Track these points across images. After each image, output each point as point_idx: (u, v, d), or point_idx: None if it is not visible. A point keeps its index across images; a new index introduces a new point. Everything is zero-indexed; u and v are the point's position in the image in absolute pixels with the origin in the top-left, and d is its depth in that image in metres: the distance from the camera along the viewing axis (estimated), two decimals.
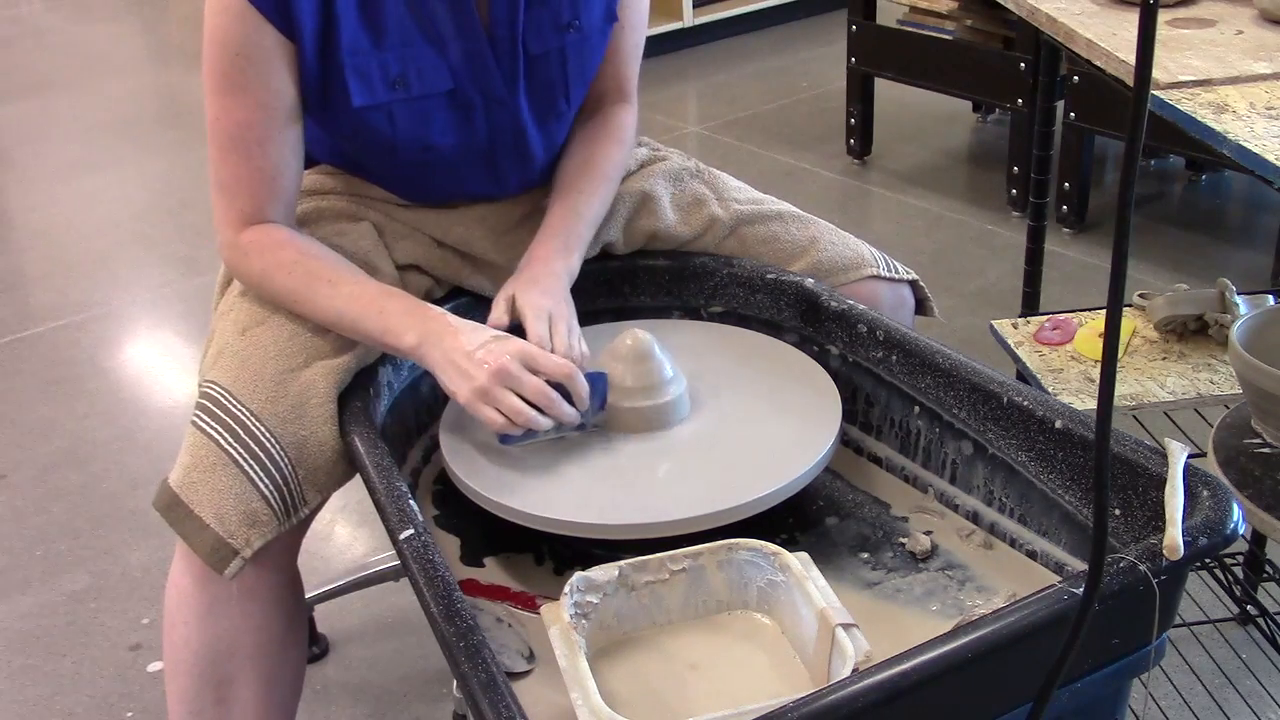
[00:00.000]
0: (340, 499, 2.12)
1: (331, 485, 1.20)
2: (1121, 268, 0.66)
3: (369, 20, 1.20)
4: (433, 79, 1.24)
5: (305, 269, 1.22)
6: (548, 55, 1.29)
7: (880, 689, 0.79)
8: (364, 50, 1.20)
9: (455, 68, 1.24)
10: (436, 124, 1.26)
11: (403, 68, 1.22)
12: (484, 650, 0.86)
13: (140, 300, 2.96)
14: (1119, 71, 1.35)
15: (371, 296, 1.20)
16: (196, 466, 1.16)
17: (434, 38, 1.23)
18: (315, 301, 1.21)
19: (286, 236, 1.25)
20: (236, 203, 1.24)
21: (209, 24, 1.19)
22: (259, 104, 1.20)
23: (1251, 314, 1.33)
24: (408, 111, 1.24)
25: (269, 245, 1.24)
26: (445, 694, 1.74)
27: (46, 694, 1.79)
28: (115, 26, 5.38)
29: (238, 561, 1.14)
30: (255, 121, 1.21)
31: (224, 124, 1.22)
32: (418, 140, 1.27)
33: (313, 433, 1.17)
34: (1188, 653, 1.67)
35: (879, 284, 1.39)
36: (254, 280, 1.25)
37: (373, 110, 1.23)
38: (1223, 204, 3.17)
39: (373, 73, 1.21)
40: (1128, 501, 1.00)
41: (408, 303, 1.20)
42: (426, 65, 1.23)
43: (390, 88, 1.22)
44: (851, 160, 3.49)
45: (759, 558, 1.03)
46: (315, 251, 1.25)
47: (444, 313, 1.20)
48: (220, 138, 1.22)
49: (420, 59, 1.23)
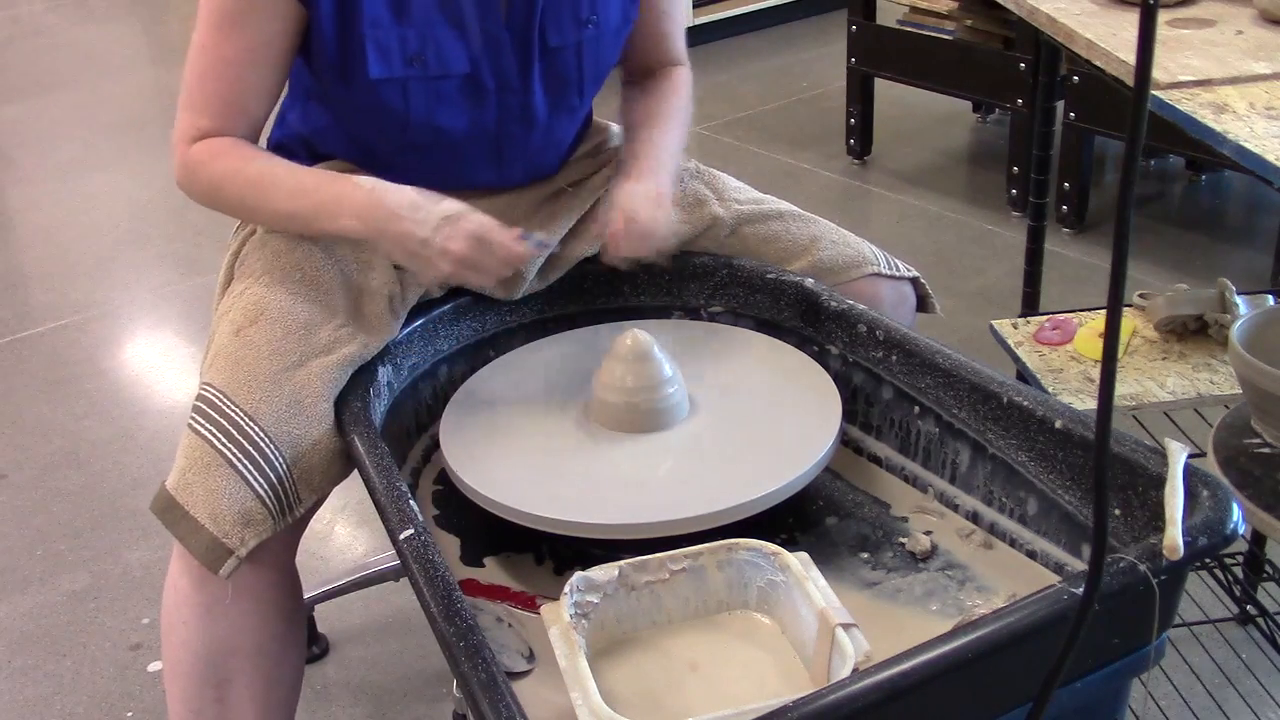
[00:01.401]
0: (340, 499, 2.13)
1: (327, 484, 1.20)
2: (1121, 268, 0.66)
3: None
4: (450, 60, 1.25)
5: (247, 175, 1.25)
6: (565, 49, 1.31)
7: (880, 689, 0.79)
8: (384, 23, 1.22)
9: (473, 51, 1.26)
10: (449, 106, 1.28)
11: (421, 45, 1.24)
12: (484, 650, 0.86)
13: (140, 300, 2.96)
14: (1119, 71, 1.35)
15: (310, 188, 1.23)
16: (191, 468, 1.16)
17: (455, 19, 1.24)
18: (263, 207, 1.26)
19: (229, 144, 1.27)
20: (200, 120, 1.27)
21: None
22: (249, 47, 1.24)
23: (1251, 314, 1.33)
24: (422, 90, 1.26)
25: (214, 154, 1.27)
26: (445, 694, 1.74)
27: (46, 694, 1.79)
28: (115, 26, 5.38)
29: (232, 561, 1.14)
30: (242, 61, 1.24)
31: (210, 54, 1.25)
32: (429, 120, 1.28)
33: (307, 432, 1.17)
34: (1188, 653, 1.67)
35: (880, 282, 1.39)
36: (205, 196, 1.29)
37: (388, 84, 1.25)
38: (1223, 204, 3.17)
39: (392, 46, 1.23)
40: (1128, 501, 1.00)
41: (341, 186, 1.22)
42: (445, 45, 1.25)
43: (407, 63, 1.24)
44: (851, 160, 3.49)
45: (759, 558, 1.03)
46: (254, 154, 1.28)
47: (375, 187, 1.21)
48: (202, 63, 1.26)
49: (440, 39, 1.24)
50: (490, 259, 1.18)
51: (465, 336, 1.36)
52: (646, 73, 1.47)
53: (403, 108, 1.26)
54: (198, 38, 1.26)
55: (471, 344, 1.37)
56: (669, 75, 1.47)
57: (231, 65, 1.25)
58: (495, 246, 1.19)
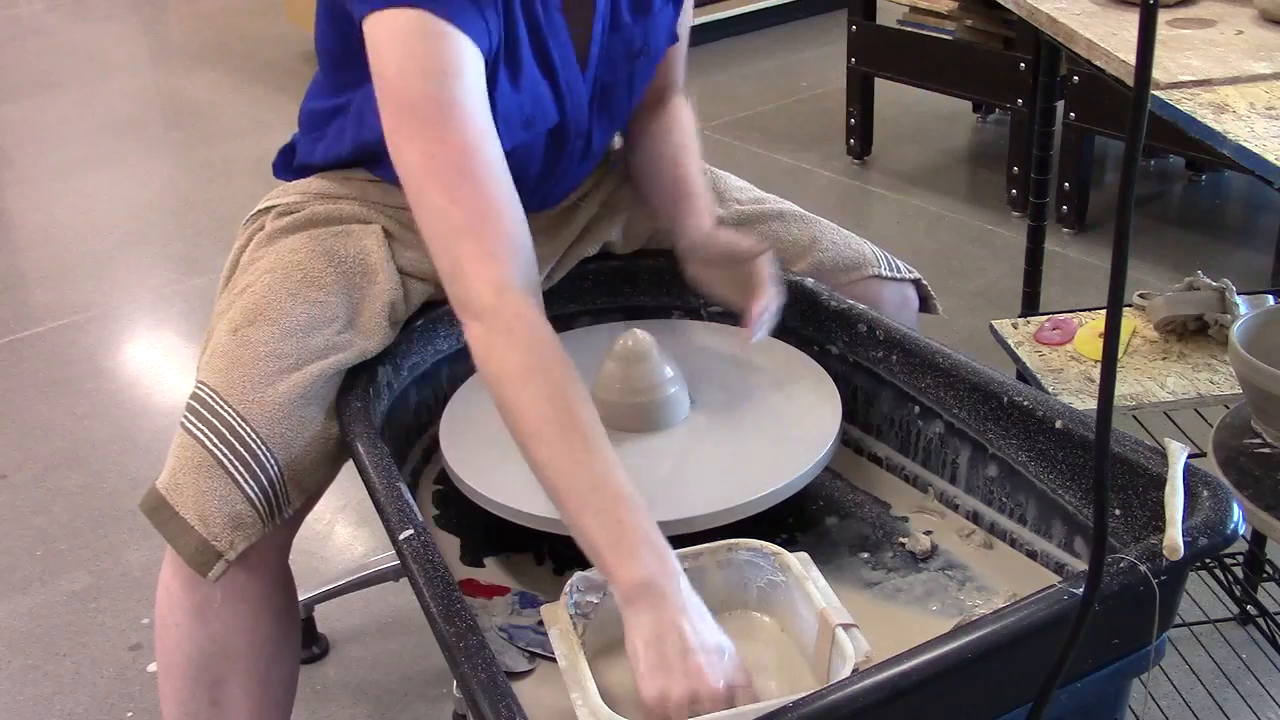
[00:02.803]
0: (340, 499, 2.13)
1: (319, 486, 1.20)
2: (1121, 268, 0.66)
3: (510, 57, 1.14)
4: (548, 113, 1.22)
5: (559, 422, 1.00)
6: (617, 84, 1.29)
7: (880, 689, 0.79)
8: (507, 93, 1.14)
9: (560, 101, 1.23)
10: (536, 158, 1.26)
11: (533, 109, 1.18)
12: (484, 650, 0.86)
13: (140, 300, 2.96)
14: (1119, 72, 1.35)
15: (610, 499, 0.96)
16: (182, 469, 1.15)
17: (548, 71, 1.21)
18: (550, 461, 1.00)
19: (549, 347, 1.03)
20: (485, 245, 1.03)
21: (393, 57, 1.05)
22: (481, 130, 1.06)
23: (1251, 314, 1.33)
24: (523, 150, 1.23)
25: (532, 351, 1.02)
26: (445, 694, 1.74)
27: (46, 694, 1.79)
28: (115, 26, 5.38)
29: (221, 564, 1.13)
30: (479, 146, 1.05)
31: (440, 160, 1.04)
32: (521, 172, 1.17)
33: (299, 435, 1.17)
34: (1188, 653, 1.67)
35: (881, 284, 1.39)
36: (496, 376, 1.03)
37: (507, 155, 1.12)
38: (1223, 204, 3.17)
39: (513, 115, 1.16)
40: (1128, 501, 1.00)
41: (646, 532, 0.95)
42: (544, 100, 1.21)
43: (524, 128, 1.19)
44: (851, 160, 3.49)
45: (759, 558, 1.03)
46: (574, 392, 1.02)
47: (678, 570, 0.94)
48: (442, 177, 1.04)
49: (541, 95, 1.20)
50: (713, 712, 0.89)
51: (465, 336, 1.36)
52: (655, 101, 1.39)
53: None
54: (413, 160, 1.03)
55: None
56: (680, 112, 1.40)
57: (476, 152, 1.04)
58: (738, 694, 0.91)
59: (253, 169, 3.56)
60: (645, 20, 1.28)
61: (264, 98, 4.23)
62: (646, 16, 1.28)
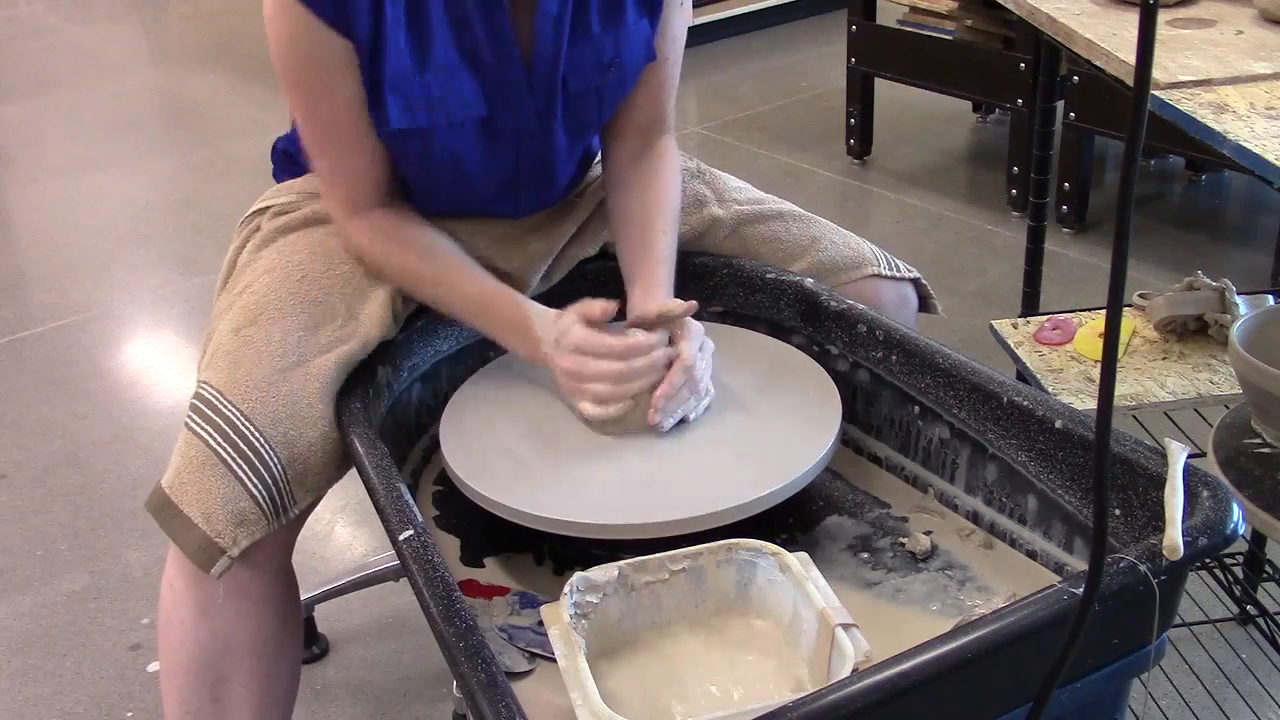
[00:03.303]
0: (340, 499, 2.13)
1: (322, 486, 1.20)
2: (1121, 268, 0.66)
3: (416, 40, 1.19)
4: (471, 105, 1.23)
5: (415, 273, 1.27)
6: (586, 93, 1.29)
7: (880, 689, 0.79)
8: (406, 75, 1.20)
9: (490, 96, 1.24)
10: (469, 148, 1.26)
11: (444, 91, 1.22)
12: (484, 650, 0.86)
13: (140, 300, 2.96)
14: (1119, 71, 1.35)
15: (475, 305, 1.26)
16: (186, 467, 1.16)
17: (474, 64, 1.22)
18: (427, 299, 1.29)
19: (391, 228, 1.28)
20: (337, 190, 1.28)
21: (272, 30, 1.19)
22: (341, 105, 1.21)
23: (1251, 314, 1.33)
24: (443, 135, 1.24)
25: (377, 239, 1.27)
26: (445, 694, 1.74)
27: (46, 694, 1.79)
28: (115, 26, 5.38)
29: (224, 560, 1.14)
30: (340, 120, 1.22)
31: (310, 123, 1.24)
32: (450, 158, 1.27)
33: (303, 433, 1.17)
34: (1188, 653, 1.67)
35: (881, 283, 1.39)
36: (371, 266, 1.29)
37: (411, 131, 1.23)
38: (1223, 204, 3.17)
39: (414, 95, 1.21)
40: (1128, 501, 1.00)
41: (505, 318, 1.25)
42: (466, 91, 1.22)
43: (429, 111, 1.22)
44: (851, 160, 3.49)
45: (759, 558, 1.03)
46: (419, 248, 1.28)
47: (527, 314, 1.23)
48: (309, 134, 1.25)
49: (460, 83, 1.22)
50: (590, 366, 1.18)
51: (465, 336, 1.36)
52: (639, 141, 1.37)
53: (423, 149, 1.25)
54: (292, 111, 1.26)
55: (471, 344, 1.36)
56: (663, 155, 1.38)
57: (335, 126, 1.23)
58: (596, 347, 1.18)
59: (253, 169, 3.56)
60: (616, 33, 1.27)
61: (264, 98, 4.24)
62: (618, 29, 1.27)
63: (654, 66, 1.33)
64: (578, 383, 1.19)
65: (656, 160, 1.37)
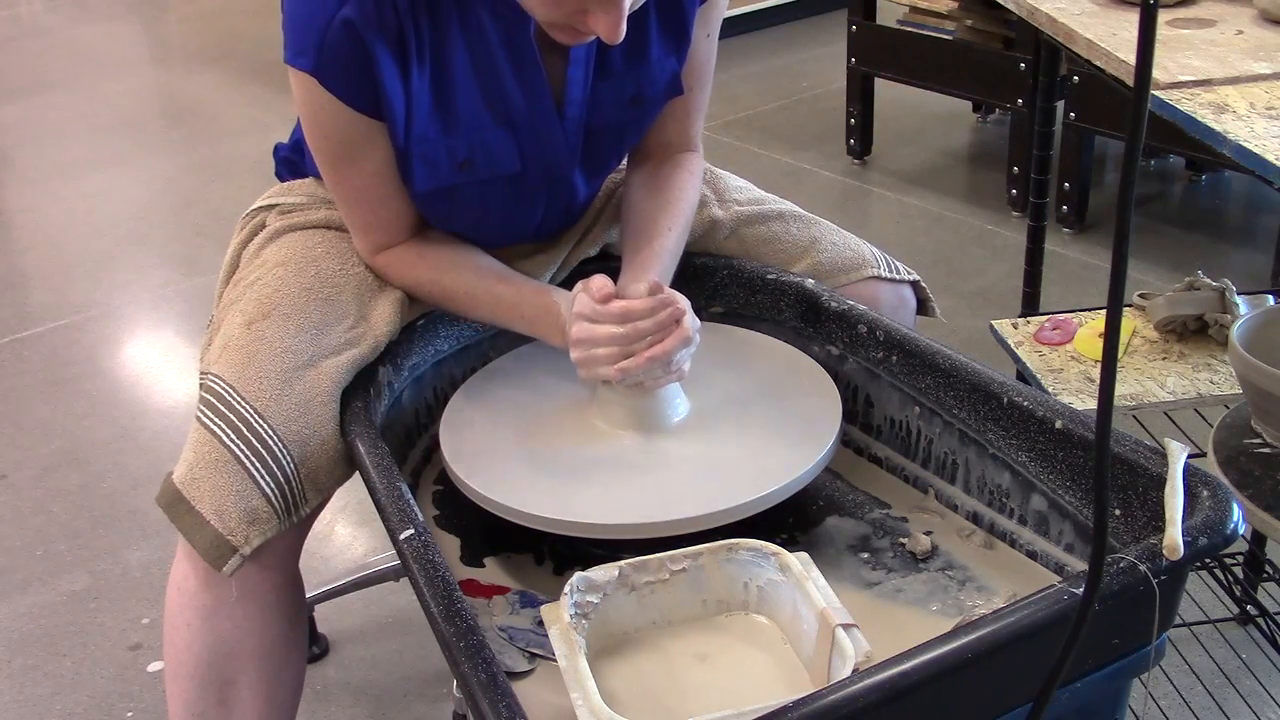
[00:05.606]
0: (340, 499, 2.12)
1: (333, 485, 1.20)
2: (1121, 268, 0.66)
3: (441, 106, 1.20)
4: (501, 161, 1.24)
5: (441, 288, 1.28)
6: (608, 129, 1.29)
7: (880, 689, 0.79)
8: (432, 139, 1.21)
9: (524, 149, 1.24)
10: (496, 201, 1.28)
11: (470, 152, 1.22)
12: (484, 650, 0.86)
13: (140, 300, 2.96)
14: (1119, 71, 1.35)
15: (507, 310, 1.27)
16: (200, 463, 1.16)
17: (505, 120, 1.22)
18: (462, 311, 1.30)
19: (414, 257, 1.29)
20: (369, 237, 1.29)
21: (302, 110, 1.20)
22: (371, 172, 1.23)
23: (1251, 314, 1.33)
24: (470, 192, 1.25)
25: (403, 268, 1.29)
26: (445, 694, 1.74)
27: (46, 694, 1.79)
28: (115, 26, 5.38)
29: (236, 559, 1.14)
30: (370, 185, 1.24)
31: (340, 188, 1.26)
32: (477, 212, 1.29)
33: (315, 431, 1.17)
34: (1188, 653, 1.67)
35: (880, 285, 1.39)
36: (401, 289, 1.30)
37: (435, 192, 1.25)
38: (1223, 204, 3.17)
39: (440, 159, 1.22)
40: (1128, 501, 1.00)
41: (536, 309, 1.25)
42: (496, 147, 1.23)
43: (457, 170, 1.23)
44: (851, 160, 3.49)
45: (759, 558, 1.03)
46: (445, 266, 1.28)
47: (555, 302, 1.24)
48: (338, 195, 1.27)
49: (490, 142, 1.23)
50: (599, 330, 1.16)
51: (465, 336, 1.36)
52: (663, 154, 1.38)
53: (448, 207, 1.27)
54: (326, 176, 1.26)
55: (471, 344, 1.37)
56: (683, 164, 1.38)
57: (366, 191, 1.25)
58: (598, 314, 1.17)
59: (253, 169, 3.56)
60: (640, 69, 1.27)
61: (264, 98, 4.23)
62: (641, 65, 1.27)
63: (680, 98, 1.34)
64: (586, 350, 1.18)
65: (676, 168, 1.37)
